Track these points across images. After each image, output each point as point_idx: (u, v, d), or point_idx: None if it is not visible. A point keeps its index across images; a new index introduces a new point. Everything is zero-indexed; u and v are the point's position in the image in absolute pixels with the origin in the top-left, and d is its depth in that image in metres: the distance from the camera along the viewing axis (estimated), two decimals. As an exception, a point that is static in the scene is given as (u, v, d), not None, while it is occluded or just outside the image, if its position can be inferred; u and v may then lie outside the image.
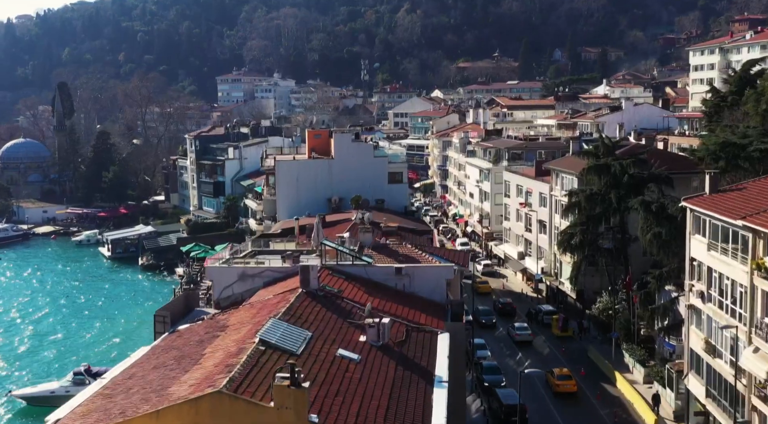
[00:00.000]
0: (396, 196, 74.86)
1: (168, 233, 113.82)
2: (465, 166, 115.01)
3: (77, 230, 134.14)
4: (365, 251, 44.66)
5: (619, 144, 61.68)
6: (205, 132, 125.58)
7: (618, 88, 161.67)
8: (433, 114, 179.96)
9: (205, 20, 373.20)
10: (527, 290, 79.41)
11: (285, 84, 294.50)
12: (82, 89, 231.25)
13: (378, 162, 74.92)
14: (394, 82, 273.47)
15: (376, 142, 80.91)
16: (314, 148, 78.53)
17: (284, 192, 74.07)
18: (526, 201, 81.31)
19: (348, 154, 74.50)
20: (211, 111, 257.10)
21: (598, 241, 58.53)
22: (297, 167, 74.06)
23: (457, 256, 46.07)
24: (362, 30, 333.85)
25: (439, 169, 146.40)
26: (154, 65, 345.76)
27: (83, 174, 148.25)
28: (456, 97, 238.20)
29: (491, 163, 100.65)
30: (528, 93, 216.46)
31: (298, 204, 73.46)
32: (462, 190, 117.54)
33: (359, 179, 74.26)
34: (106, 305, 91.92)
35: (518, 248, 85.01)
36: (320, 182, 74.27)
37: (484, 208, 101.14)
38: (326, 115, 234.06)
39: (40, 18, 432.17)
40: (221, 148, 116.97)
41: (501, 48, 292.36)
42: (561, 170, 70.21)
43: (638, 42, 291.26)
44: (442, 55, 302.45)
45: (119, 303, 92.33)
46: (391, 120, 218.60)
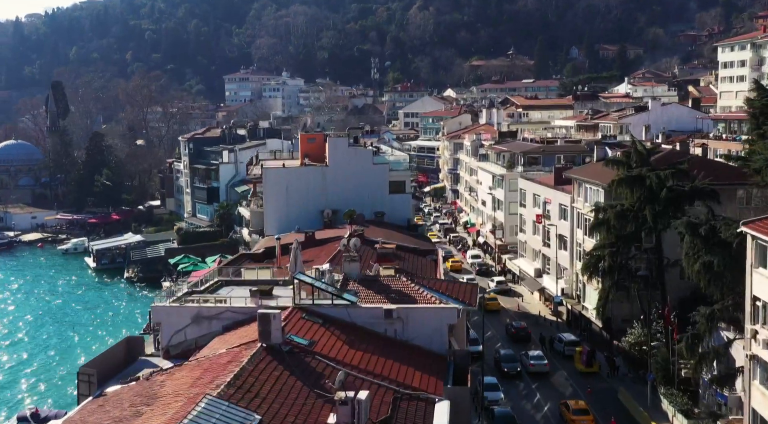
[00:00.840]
0: (398, 208, 66.69)
1: (158, 243, 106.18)
2: (477, 172, 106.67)
3: (66, 238, 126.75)
4: (350, 285, 36.59)
5: (654, 150, 53.08)
6: (200, 134, 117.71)
7: (640, 86, 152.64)
8: (445, 114, 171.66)
9: (213, 18, 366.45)
10: (545, 312, 70.98)
11: (293, 83, 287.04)
12: (84, 89, 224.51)
13: (378, 170, 66.79)
14: (406, 80, 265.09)
15: (376, 147, 72.77)
16: (308, 154, 70.52)
17: (272, 204, 66.11)
18: (544, 212, 72.91)
19: (344, 160, 66.44)
20: (217, 111, 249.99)
21: (630, 264, 50.06)
22: (286, 176, 66.06)
23: (463, 291, 37.83)
24: (373, 27, 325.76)
25: (450, 173, 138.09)
26: (161, 64, 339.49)
27: (74, 178, 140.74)
28: (469, 96, 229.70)
29: (505, 168, 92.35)
30: (544, 92, 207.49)
31: (287, 217, 65.59)
32: (474, 196, 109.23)
33: (356, 189, 66.25)
34: (79, 328, 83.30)
35: (535, 264, 76.61)
36: (313, 193, 66.28)
37: (498, 218, 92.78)
38: (334, 115, 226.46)
39: (48, 16, 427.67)
40: (215, 152, 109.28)
41: (516, 46, 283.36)
42: (585, 180, 61.79)
43: (658, 39, 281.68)
44: (455, 53, 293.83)
45: (93, 326, 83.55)
46: (402, 120, 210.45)
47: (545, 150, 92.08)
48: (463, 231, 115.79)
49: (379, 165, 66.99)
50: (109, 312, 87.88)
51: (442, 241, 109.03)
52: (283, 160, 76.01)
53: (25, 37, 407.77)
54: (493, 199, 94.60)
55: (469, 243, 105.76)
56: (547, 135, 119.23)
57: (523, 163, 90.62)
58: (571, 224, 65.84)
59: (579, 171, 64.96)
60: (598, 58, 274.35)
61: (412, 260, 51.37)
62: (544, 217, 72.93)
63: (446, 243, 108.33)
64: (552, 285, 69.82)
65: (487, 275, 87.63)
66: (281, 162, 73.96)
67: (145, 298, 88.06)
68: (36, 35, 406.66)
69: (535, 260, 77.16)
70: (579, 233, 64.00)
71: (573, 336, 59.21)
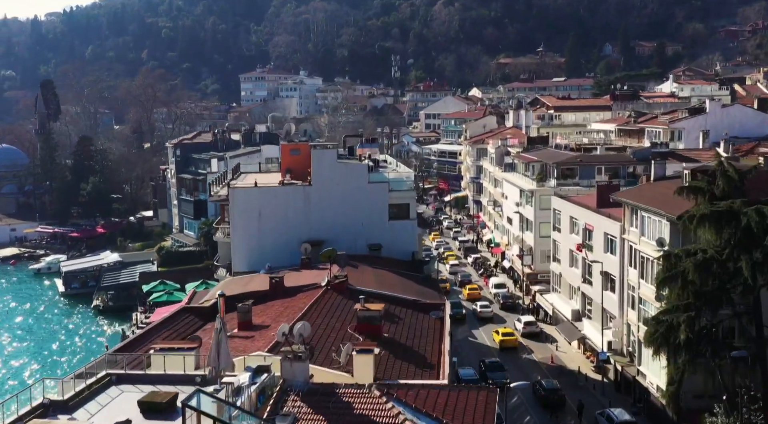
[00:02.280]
0: (399, 239, 52.78)
1: (137, 264, 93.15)
2: (502, 183, 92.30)
3: (44, 253, 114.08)
4: (288, 403, 22.81)
5: (748, 173, 38.10)
6: (188, 139, 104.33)
7: (687, 85, 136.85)
8: (468, 115, 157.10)
9: (231, 15, 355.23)
10: (586, 368, 56.55)
11: (311, 82, 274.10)
12: (90, 89, 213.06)
13: (374, 190, 52.87)
14: (428, 79, 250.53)
15: (374, 161, 58.81)
16: (291, 169, 56.78)
17: (241, 233, 52.45)
18: (585, 241, 58.43)
19: (332, 178, 52.64)
20: (228, 111, 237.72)
21: (715, 333, 35.64)
22: (259, 197, 52.34)
23: (471, 411, 23.71)
24: (396, 24, 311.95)
25: (473, 181, 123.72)
26: (177, 63, 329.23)
27: (57, 186, 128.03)
28: (495, 95, 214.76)
29: (535, 181, 77.90)
30: (576, 91, 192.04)
31: (260, 250, 52.01)
32: (498, 212, 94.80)
33: (347, 214, 52.55)
34: (20, 369, 69.67)
35: (572, 303, 62.14)
36: (293, 219, 52.60)
37: (526, 241, 78.34)
38: (351, 116, 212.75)
39: (66, 15, 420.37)
40: (204, 160, 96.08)
41: (546, 42, 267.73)
42: (642, 208, 47.27)
43: (698, 35, 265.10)
44: (481, 51, 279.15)
45: (39, 366, 69.60)
46: (423, 121, 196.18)
47: (583, 160, 77.51)
48: (485, 250, 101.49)
49: (376, 184, 53.06)
50: (66, 350, 74.43)
51: (462, 262, 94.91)
52: (266, 174, 62.44)
53: (42, 35, 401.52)
54: (520, 217, 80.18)
55: (492, 267, 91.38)
56: (583, 140, 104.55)
57: (557, 176, 76.21)
58: (620, 260, 51.35)
59: (633, 194, 50.41)
60: (633, 55, 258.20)
61: (408, 321, 37.53)
62: (584, 247, 58.45)
63: (466, 265, 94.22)
64: (596, 335, 55.34)
65: (513, 311, 73.43)
66: (263, 178, 60.38)
67: (112, 337, 73.86)
68: (53, 34, 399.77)
69: (572, 298, 62.68)
70: (632, 274, 49.54)
71: (627, 414, 44.66)
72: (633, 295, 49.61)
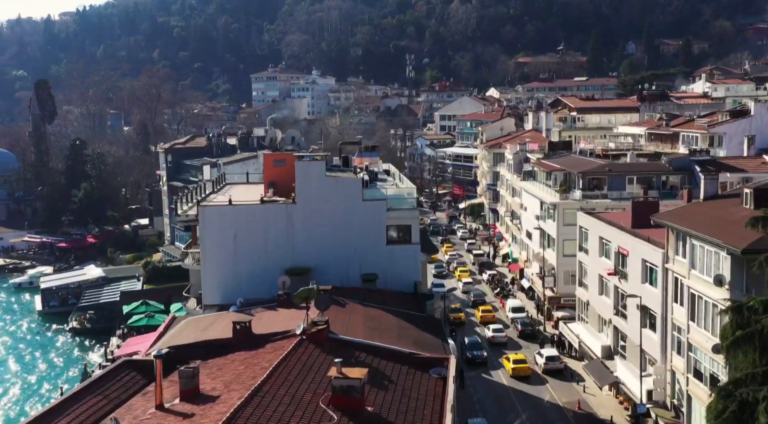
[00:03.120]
0: (399, 266, 44.68)
1: (121, 280, 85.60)
2: (521, 193, 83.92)
3: (30, 265, 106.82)
4: None
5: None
6: (181, 143, 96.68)
7: (720, 84, 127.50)
8: (485, 117, 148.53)
9: (244, 14, 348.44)
10: (620, 417, 48.10)
11: (324, 82, 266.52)
12: (95, 89, 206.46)
13: (370, 209, 44.77)
14: (444, 79, 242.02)
15: (371, 172, 50.64)
16: (275, 183, 48.93)
17: (213, 259, 44.51)
18: (618, 268, 50.01)
19: (320, 195, 44.60)
20: (238, 112, 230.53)
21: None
22: (234, 218, 44.37)
23: None
24: (412, 22, 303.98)
25: (489, 188, 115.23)
26: (188, 62, 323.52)
27: (47, 192, 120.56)
28: (514, 96, 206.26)
29: (558, 193, 69.47)
30: (599, 91, 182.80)
31: (235, 280, 44.15)
32: (516, 224, 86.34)
33: (338, 238, 44.56)
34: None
35: (602, 338, 53.70)
36: (274, 243, 44.64)
37: (547, 259, 69.94)
38: (363, 117, 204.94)
39: (79, 14, 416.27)
40: (196, 166, 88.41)
41: (566, 41, 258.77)
42: (693, 235, 38.79)
43: (725, 33, 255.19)
44: (499, 50, 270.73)
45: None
46: (437, 123, 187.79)
47: (612, 169, 69.01)
48: (502, 264, 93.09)
49: (371, 202, 44.89)
50: (25, 380, 66.60)
51: (476, 279, 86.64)
52: (256, 186, 54.59)
53: (54, 35, 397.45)
54: (541, 233, 71.73)
55: (510, 286, 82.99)
56: (609, 145, 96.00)
57: (582, 187, 67.78)
58: (663, 294, 42.94)
59: (679, 216, 41.86)
60: (658, 53, 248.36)
61: (401, 385, 29.49)
62: (617, 274, 50.02)
63: (480, 282, 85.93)
64: (632, 380, 46.90)
65: (533, 339, 65.08)
66: (248, 191, 52.49)
67: (71, 379, 65.27)
68: (65, 34, 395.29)
69: (602, 331, 54.23)
70: (678, 312, 41.14)
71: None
72: (679, 338, 41.19)
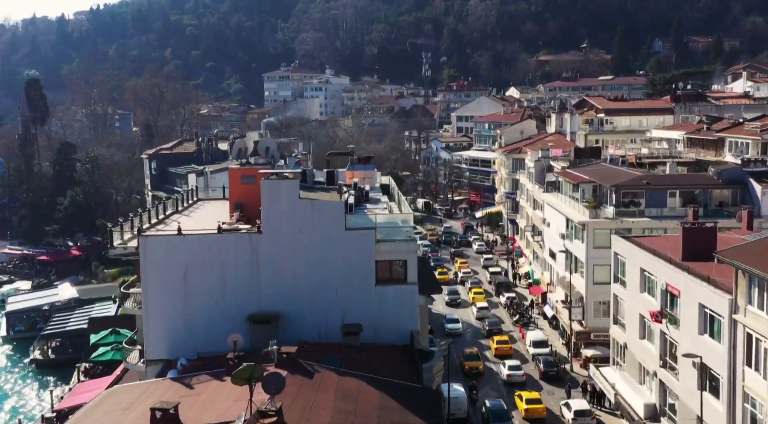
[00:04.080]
0: (391, 313, 35.49)
1: (95, 302, 76.97)
2: (543, 206, 74.32)
3: (8, 280, 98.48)
4: None
5: None
6: (167, 149, 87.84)
7: (764, 83, 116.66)
8: (504, 118, 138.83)
9: (258, 12, 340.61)
10: (669, 499, 38.52)
11: (338, 81, 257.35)
12: (99, 89, 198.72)
13: (355, 240, 35.51)
14: (462, 78, 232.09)
15: (361, 190, 41.42)
16: (242, 205, 39.82)
17: (158, 302, 35.45)
18: (665, 310, 40.46)
19: (293, 222, 35.40)
20: (247, 112, 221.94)
21: None
22: (185, 251, 35.25)
23: None
24: (429, 20, 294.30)
25: (508, 197, 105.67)
26: (200, 61, 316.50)
27: (30, 200, 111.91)
28: (535, 96, 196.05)
29: (587, 208, 59.80)
30: (626, 91, 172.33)
31: (187, 329, 35.21)
32: (538, 241, 76.62)
33: (315, 276, 35.44)
34: None
35: (645, 393, 44.09)
36: (235, 282, 35.53)
37: (575, 286, 60.37)
38: (377, 118, 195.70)
39: (92, 13, 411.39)
40: (181, 175, 79.66)
41: (590, 38, 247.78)
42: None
43: (757, 29, 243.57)
44: (520, 47, 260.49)
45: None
46: (454, 124, 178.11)
47: (650, 182, 59.29)
48: (522, 283, 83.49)
49: (357, 232, 35.60)
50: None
51: (492, 301, 77.17)
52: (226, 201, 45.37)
53: (67, 34, 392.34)
54: (567, 254, 62.12)
55: (531, 310, 73.41)
56: (642, 151, 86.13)
57: (616, 203, 58.18)
58: (730, 353, 33.36)
59: (752, 255, 32.18)
60: (687, 51, 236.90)
61: None
62: (664, 317, 40.46)
63: (498, 304, 76.51)
64: (684, 456, 37.30)
65: (559, 382, 55.55)
66: (217, 211, 43.43)
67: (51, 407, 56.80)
68: (78, 33, 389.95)
69: (644, 383, 44.62)
70: (752, 379, 31.57)
71: None
72: (755, 413, 31.57)
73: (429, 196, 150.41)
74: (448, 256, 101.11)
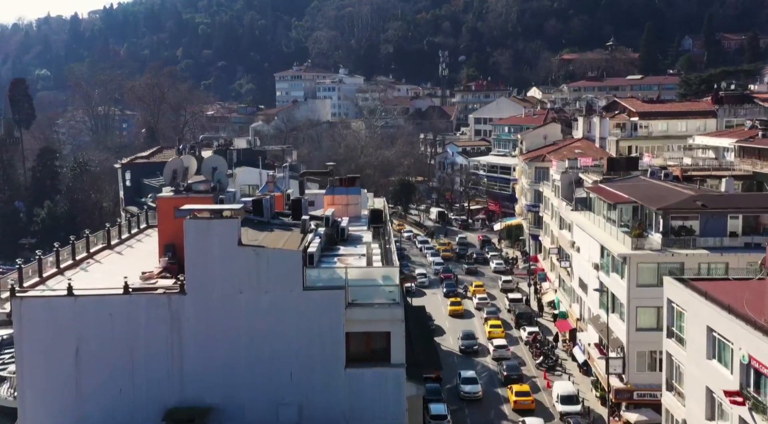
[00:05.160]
0: (367, 406, 25.09)
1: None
2: (571, 226, 63.53)
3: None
4: None
5: None
6: (144, 157, 77.56)
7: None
8: (525, 121, 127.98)
9: (271, 10, 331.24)
10: None
11: (352, 81, 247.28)
12: (102, 90, 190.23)
13: (317, 304, 25.25)
14: (481, 77, 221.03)
15: (334, 229, 31.03)
16: (175, 247, 29.55)
17: (39, 391, 25.33)
18: (747, 391, 29.68)
19: (228, 280, 25.17)
20: (255, 114, 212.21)
21: None
22: (77, 319, 25.22)
23: None
24: (448, 17, 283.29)
25: (530, 209, 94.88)
26: (212, 61, 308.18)
27: (4, 211, 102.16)
28: (558, 96, 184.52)
29: (628, 235, 48.92)
30: (656, 91, 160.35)
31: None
32: (566, 267, 65.69)
33: (260, 355, 25.14)
34: None
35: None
36: (147, 363, 25.31)
37: (613, 332, 49.49)
38: (390, 120, 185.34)
39: (106, 12, 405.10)
40: (155, 187, 69.55)
41: (616, 35, 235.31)
42: None
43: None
44: (542, 46, 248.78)
45: None
46: (472, 127, 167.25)
47: (707, 205, 48.34)
48: (545, 313, 72.68)
49: (320, 292, 25.29)
50: None
51: (511, 335, 66.43)
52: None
53: (79, 34, 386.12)
54: (602, 290, 51.26)
55: (557, 348, 62.62)
56: (684, 161, 75.28)
57: (664, 230, 47.35)
58: None
59: None
60: (719, 49, 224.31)
61: None
62: (748, 401, 29.68)
63: (518, 340, 65.81)
64: None
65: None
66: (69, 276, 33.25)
67: None
68: (90, 32, 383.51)
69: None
70: None
71: None
72: None
73: (444, 204, 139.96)
74: (462, 270, 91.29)
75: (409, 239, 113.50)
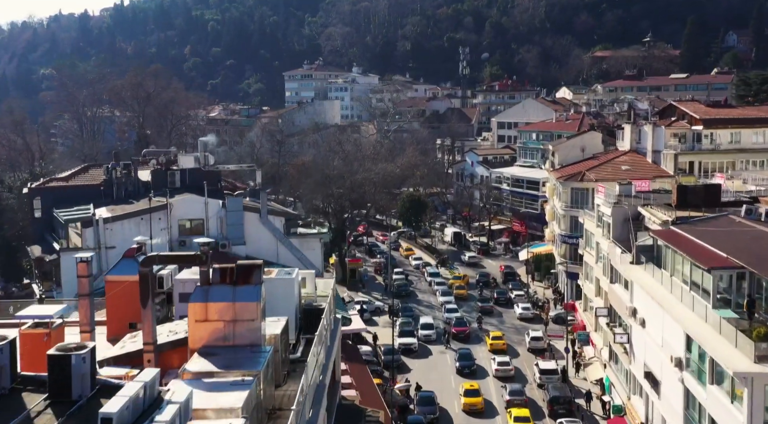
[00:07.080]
0: None
1: None
2: (631, 287, 44.69)
3: None
4: None
5: None
6: (61, 180, 59.19)
7: None
8: (556, 128, 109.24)
9: (284, 5, 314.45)
10: None
11: (365, 80, 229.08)
12: (89, 90, 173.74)
13: None
14: (506, 76, 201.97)
15: None
16: None
17: None
18: None
19: None
20: (258, 116, 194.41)
21: None
22: None
23: None
24: (470, 12, 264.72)
25: (564, 241, 75.88)
26: (221, 59, 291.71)
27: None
28: (592, 97, 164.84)
29: (748, 337, 29.99)
30: (705, 92, 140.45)
31: None
32: (622, 343, 46.63)
33: None
34: None
35: None
36: None
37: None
38: (404, 123, 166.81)
39: (116, 9, 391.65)
40: (67, 221, 51.87)
41: (654, 31, 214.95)
42: None
43: None
44: (573, 42, 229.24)
45: None
46: (495, 132, 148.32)
47: None
48: (594, 397, 53.53)
49: None
50: None
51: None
52: None
53: (87, 31, 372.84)
54: (687, 398, 32.44)
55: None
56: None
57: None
58: None
59: None
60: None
61: None
62: None
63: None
64: None
65: None
66: None
67: None
68: (98, 30, 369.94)
69: None
70: None
71: None
72: None
73: (461, 222, 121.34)
74: (474, 314, 73.29)
75: (418, 268, 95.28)
